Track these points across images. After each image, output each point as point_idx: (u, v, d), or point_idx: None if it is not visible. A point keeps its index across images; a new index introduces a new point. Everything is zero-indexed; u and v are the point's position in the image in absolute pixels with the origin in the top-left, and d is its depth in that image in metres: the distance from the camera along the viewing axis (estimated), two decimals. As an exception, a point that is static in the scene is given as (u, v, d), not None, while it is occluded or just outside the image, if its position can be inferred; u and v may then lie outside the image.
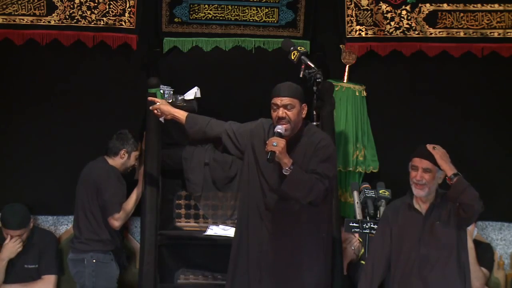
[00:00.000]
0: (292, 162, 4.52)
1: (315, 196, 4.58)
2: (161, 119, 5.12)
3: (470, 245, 5.77)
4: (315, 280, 4.74)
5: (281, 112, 4.65)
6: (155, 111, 5.04)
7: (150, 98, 5.19)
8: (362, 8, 6.44)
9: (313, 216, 4.70)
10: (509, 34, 6.42)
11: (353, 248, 5.78)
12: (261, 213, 4.71)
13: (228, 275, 4.87)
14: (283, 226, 4.68)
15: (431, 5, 6.44)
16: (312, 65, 5.33)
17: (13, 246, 5.92)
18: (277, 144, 4.46)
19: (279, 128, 4.62)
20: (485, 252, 6.16)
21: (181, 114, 4.99)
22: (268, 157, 4.48)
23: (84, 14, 6.24)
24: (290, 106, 4.67)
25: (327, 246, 4.80)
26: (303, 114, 4.75)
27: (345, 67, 6.44)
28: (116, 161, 5.95)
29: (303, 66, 5.51)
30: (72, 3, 6.23)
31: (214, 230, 5.94)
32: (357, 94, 6.38)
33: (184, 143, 6.11)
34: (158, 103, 5.03)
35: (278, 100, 4.68)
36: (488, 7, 6.42)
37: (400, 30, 6.44)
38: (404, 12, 6.44)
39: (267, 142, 4.54)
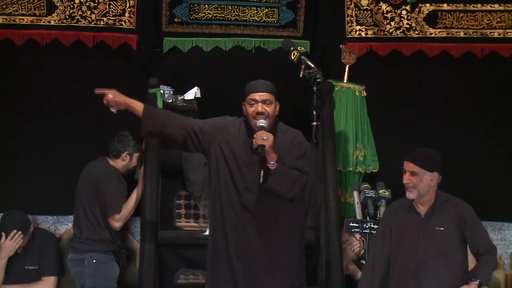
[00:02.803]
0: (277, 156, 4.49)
1: (297, 191, 4.55)
2: (114, 109, 4.74)
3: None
4: (291, 278, 4.69)
5: (260, 107, 4.63)
6: (111, 103, 4.71)
7: (98, 91, 4.73)
8: (362, 8, 6.44)
9: (289, 214, 4.66)
10: (509, 34, 6.43)
11: (352, 250, 5.78)
12: (237, 212, 4.63)
13: (208, 278, 4.77)
14: (260, 223, 4.63)
15: (431, 5, 6.44)
16: (312, 65, 5.33)
17: (11, 244, 5.90)
18: (267, 138, 4.43)
19: (262, 122, 4.58)
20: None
21: (138, 105, 4.74)
22: (259, 151, 4.42)
23: (84, 14, 6.24)
24: (269, 101, 4.66)
25: (301, 244, 4.76)
26: (277, 111, 4.73)
27: (345, 67, 6.44)
28: (117, 163, 5.95)
29: (303, 66, 5.50)
30: (72, 3, 6.24)
31: (214, 230, 5.94)
32: (357, 94, 6.38)
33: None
34: (110, 95, 4.69)
35: (256, 96, 4.66)
36: (488, 7, 6.43)
37: (400, 30, 6.45)
38: (404, 12, 6.44)
39: (254, 136, 4.48)
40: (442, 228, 4.76)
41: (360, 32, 6.45)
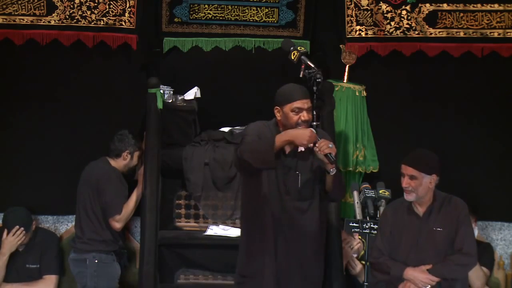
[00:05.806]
0: None
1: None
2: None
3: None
4: (321, 276, 4.78)
5: (307, 115, 4.55)
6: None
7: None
8: (362, 8, 6.44)
9: (321, 214, 4.69)
10: (509, 34, 6.43)
11: (351, 247, 5.78)
12: (282, 219, 4.59)
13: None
14: (301, 227, 4.62)
15: (431, 5, 6.44)
16: (312, 65, 5.32)
17: (12, 240, 5.91)
18: (332, 146, 4.42)
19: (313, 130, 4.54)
20: (485, 252, 6.15)
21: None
22: (332, 159, 4.41)
23: (84, 14, 6.24)
24: (310, 108, 4.59)
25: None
26: None
27: (345, 67, 6.44)
28: (118, 163, 5.95)
29: (303, 66, 5.50)
30: (72, 3, 6.23)
31: (214, 230, 5.94)
32: (357, 94, 6.38)
33: (184, 143, 6.12)
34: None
35: (301, 103, 4.57)
36: (488, 7, 6.42)
37: (400, 30, 6.44)
38: (404, 12, 6.44)
39: (316, 144, 4.41)
40: (440, 229, 4.76)
41: (360, 32, 6.45)
